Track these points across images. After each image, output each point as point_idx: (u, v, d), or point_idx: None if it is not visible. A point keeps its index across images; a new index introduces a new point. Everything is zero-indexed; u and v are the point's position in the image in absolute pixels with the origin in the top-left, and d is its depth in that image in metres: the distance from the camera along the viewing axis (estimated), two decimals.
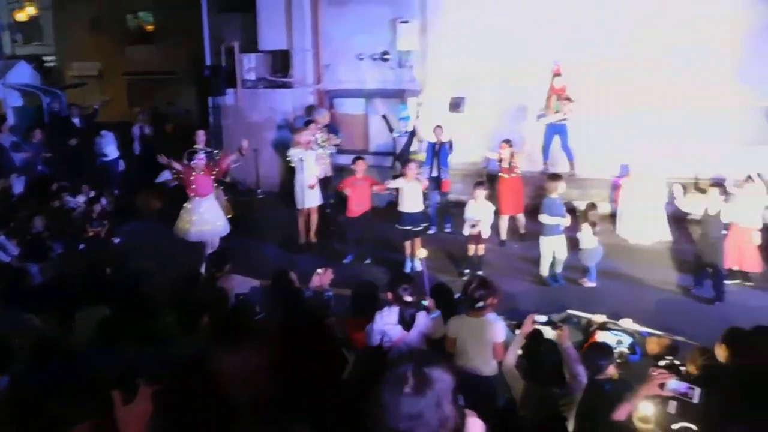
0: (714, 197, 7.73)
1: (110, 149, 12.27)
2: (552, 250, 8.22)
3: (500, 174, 9.78)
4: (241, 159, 9.52)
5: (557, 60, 11.04)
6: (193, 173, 8.56)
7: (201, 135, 10.15)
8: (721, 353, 4.01)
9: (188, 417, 3.16)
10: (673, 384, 3.12)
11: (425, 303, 4.80)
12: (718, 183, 8.42)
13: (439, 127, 10.44)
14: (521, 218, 9.86)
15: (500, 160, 9.72)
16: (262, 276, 6.52)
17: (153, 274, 7.50)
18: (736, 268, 8.18)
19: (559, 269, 8.37)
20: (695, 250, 8.20)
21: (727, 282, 7.96)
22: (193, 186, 8.59)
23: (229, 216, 10.72)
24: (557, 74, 10.96)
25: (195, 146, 9.60)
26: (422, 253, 6.08)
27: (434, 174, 10.31)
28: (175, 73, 16.17)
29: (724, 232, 7.82)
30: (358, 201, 9.00)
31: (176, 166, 8.70)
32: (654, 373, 3.43)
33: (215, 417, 3.38)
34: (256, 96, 12.94)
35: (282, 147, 11.40)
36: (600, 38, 11.10)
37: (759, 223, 8.18)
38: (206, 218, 8.67)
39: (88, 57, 18.23)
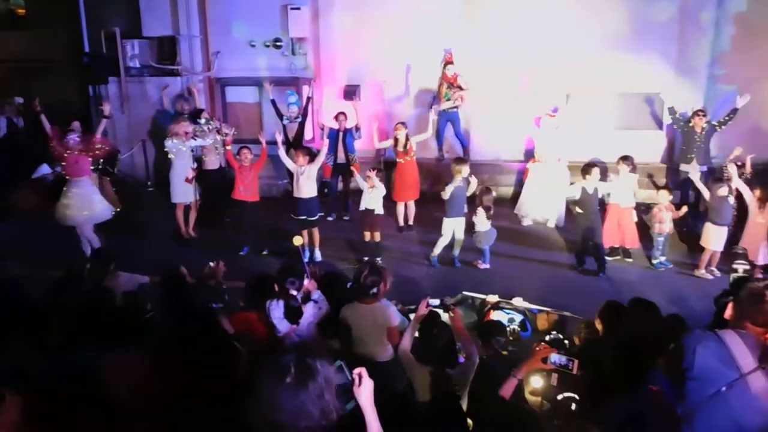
0: (594, 176, 8.16)
1: None
2: (452, 231, 8.43)
3: (397, 159, 9.86)
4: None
5: (448, 48, 11.23)
6: (67, 151, 8.22)
7: (77, 126, 9.57)
8: (598, 326, 4.26)
9: (65, 427, 2.97)
10: (554, 357, 3.26)
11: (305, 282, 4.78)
12: (597, 164, 8.86)
13: (342, 113, 10.40)
14: (412, 207, 9.96)
15: (396, 143, 9.79)
16: (152, 272, 6.23)
17: (31, 276, 6.99)
18: (617, 245, 8.73)
19: (457, 251, 8.59)
20: (576, 227, 8.64)
21: (609, 258, 8.49)
22: (65, 164, 8.31)
23: (117, 209, 10.21)
24: (449, 62, 11.16)
25: None
26: (297, 240, 6.06)
27: (340, 161, 10.29)
28: (52, 60, 15.08)
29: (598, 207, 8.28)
30: (245, 186, 8.90)
31: (46, 123, 8.34)
32: (537, 348, 3.58)
33: (98, 426, 3.20)
34: (142, 84, 12.36)
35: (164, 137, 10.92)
36: (492, 27, 11.45)
37: (633, 202, 8.74)
38: (73, 203, 8.24)
39: None
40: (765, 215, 7.92)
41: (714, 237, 8.14)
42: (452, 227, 8.42)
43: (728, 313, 3.39)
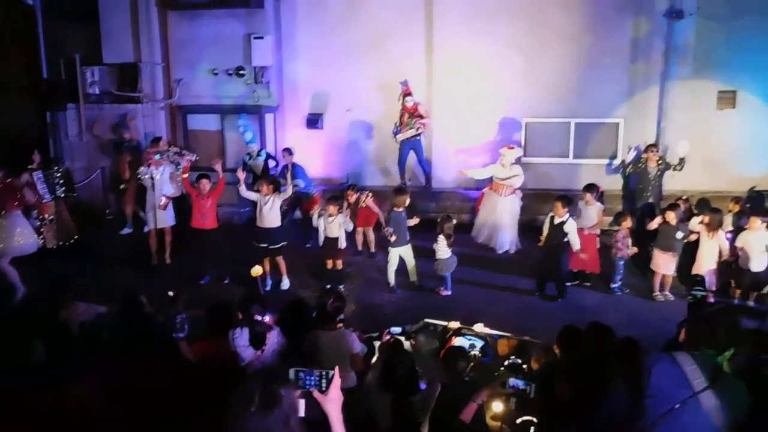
0: (563, 209, 8.28)
1: None
2: (397, 258, 8.53)
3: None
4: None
5: (404, 81, 11.38)
6: None
7: (37, 158, 9.51)
8: (556, 350, 4.34)
9: None
10: (512, 382, 3.33)
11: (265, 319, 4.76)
12: (567, 197, 9.00)
13: (287, 149, 10.50)
14: (371, 234, 9.99)
15: (349, 205, 9.68)
16: (111, 301, 6.12)
17: None
18: (579, 270, 8.90)
19: (414, 277, 8.68)
20: (541, 254, 8.79)
21: (569, 283, 8.68)
22: None
23: (75, 237, 10.03)
24: (407, 94, 11.30)
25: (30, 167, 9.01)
26: (256, 271, 6.03)
27: (292, 195, 10.29)
28: (9, 85, 14.81)
29: (566, 239, 8.44)
30: (202, 213, 8.83)
31: None
32: (496, 374, 3.65)
33: None
34: (102, 111, 12.24)
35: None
36: (453, 59, 11.73)
37: (598, 230, 8.95)
38: None
39: None
40: (714, 242, 8.19)
41: (661, 261, 8.40)
42: (398, 255, 8.52)
43: (682, 336, 3.52)
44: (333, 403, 2.39)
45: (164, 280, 8.56)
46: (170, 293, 5.23)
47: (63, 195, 9.86)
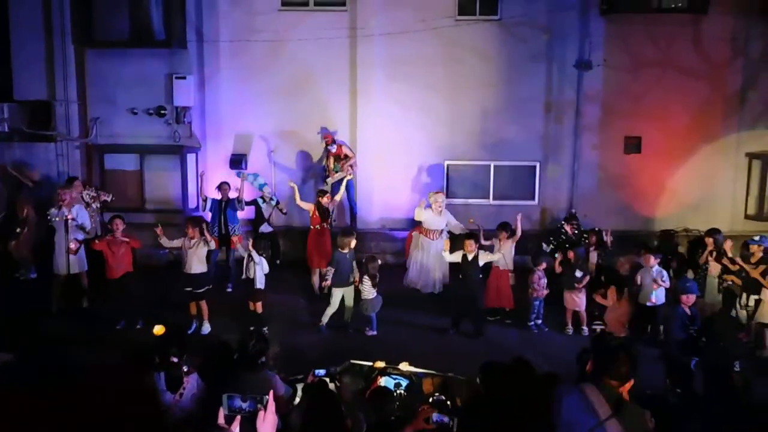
0: (471, 247, 8.59)
1: None
2: (339, 299, 8.55)
3: (313, 226, 9.92)
4: None
5: (324, 129, 11.54)
6: None
7: None
8: (479, 385, 4.44)
9: None
10: (435, 417, 3.40)
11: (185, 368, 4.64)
12: (474, 234, 9.31)
13: (225, 183, 10.35)
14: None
15: (319, 209, 9.90)
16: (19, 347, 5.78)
17: None
18: (496, 306, 9.15)
19: (348, 317, 8.69)
20: (457, 293, 8.99)
21: (490, 318, 8.94)
22: None
23: None
24: (330, 142, 11.44)
25: None
26: (158, 329, 5.93)
27: (222, 232, 10.13)
28: None
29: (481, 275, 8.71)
30: (117, 262, 8.51)
31: None
32: (420, 409, 3.71)
33: None
34: (11, 150, 11.72)
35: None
36: (377, 102, 12.00)
37: (511, 266, 9.27)
38: None
39: None
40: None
41: (567, 298, 8.85)
42: (340, 295, 8.53)
43: (589, 368, 3.71)
44: (267, 425, 2.48)
45: (80, 326, 8.21)
46: None
47: None
